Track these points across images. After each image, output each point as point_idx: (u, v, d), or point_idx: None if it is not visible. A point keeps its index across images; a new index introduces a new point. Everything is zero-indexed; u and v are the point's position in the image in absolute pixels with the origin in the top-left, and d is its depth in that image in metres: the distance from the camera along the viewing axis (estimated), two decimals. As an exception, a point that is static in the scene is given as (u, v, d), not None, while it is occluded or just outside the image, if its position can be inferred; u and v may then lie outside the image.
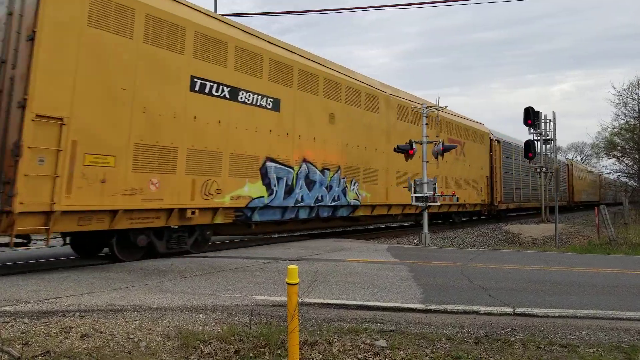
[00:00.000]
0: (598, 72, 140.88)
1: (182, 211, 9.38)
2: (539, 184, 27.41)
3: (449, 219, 22.21)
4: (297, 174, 12.31)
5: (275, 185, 11.63)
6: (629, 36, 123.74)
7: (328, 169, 13.47)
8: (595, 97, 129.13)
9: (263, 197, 11.24)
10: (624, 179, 42.96)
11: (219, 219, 10.36)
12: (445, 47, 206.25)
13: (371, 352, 4.14)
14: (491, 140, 25.74)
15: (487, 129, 25.77)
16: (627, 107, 32.65)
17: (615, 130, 35.93)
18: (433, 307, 5.65)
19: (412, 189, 14.65)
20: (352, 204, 14.33)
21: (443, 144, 14.96)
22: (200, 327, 4.59)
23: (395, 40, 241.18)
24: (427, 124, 15.10)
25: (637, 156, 32.96)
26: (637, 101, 31.58)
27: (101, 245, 9.49)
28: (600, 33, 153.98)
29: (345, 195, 14.04)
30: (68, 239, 9.05)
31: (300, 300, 3.86)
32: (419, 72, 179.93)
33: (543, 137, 26.14)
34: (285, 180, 11.95)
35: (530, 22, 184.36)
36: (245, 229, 12.15)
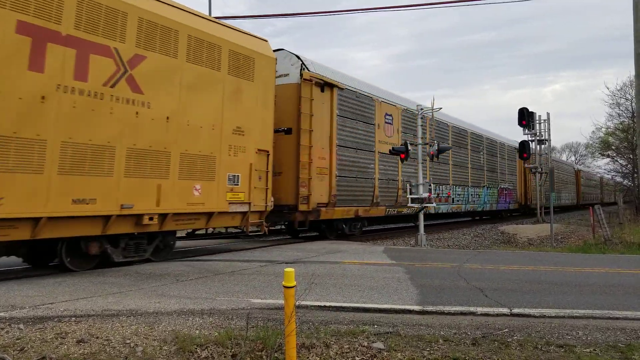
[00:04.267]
0: (589, 73, 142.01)
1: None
2: (537, 184, 27.52)
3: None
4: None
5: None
6: (620, 37, 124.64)
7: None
8: (587, 97, 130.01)
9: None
10: (618, 179, 43.19)
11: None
12: (436, 49, 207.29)
13: (368, 355, 4.13)
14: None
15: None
16: (621, 107, 32.90)
17: (610, 130, 36.18)
18: (430, 308, 5.66)
19: (408, 190, 14.67)
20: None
21: (438, 145, 14.96)
22: (197, 331, 4.57)
23: (387, 42, 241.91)
24: (421, 126, 15.15)
25: (631, 156, 33.13)
26: (631, 101, 31.74)
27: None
28: (591, 34, 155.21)
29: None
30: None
31: (297, 303, 3.86)
32: (411, 74, 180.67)
33: (537, 138, 26.30)
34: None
35: (521, 24, 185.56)
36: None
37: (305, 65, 13.11)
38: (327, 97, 13.69)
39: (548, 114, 26.59)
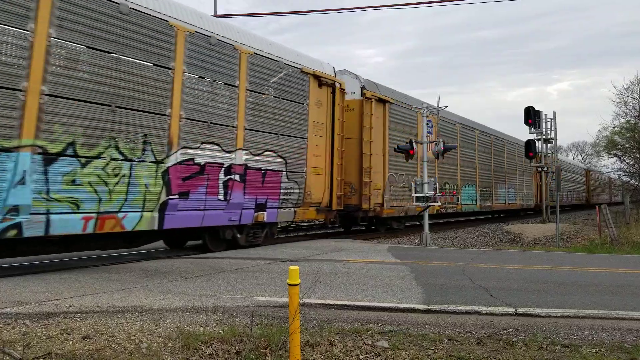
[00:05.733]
0: (595, 71, 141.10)
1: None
2: (543, 184, 27.28)
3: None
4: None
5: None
6: (627, 34, 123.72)
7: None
8: (592, 96, 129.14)
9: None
10: (625, 178, 42.87)
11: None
12: (442, 46, 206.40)
13: (373, 353, 4.13)
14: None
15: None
16: (628, 106, 32.60)
17: (616, 129, 35.90)
18: (434, 307, 5.64)
19: (413, 188, 14.63)
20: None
21: (444, 143, 14.93)
22: (202, 328, 4.58)
23: (393, 39, 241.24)
24: (427, 124, 15.08)
25: (638, 155, 32.90)
26: (638, 100, 31.52)
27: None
28: (597, 31, 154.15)
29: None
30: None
31: (301, 301, 3.86)
32: (415, 71, 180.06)
33: (544, 137, 26.15)
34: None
35: (527, 21, 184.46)
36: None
37: None
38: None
39: (554, 112, 26.42)
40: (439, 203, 15.31)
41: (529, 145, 25.23)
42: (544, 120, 26.17)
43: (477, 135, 23.82)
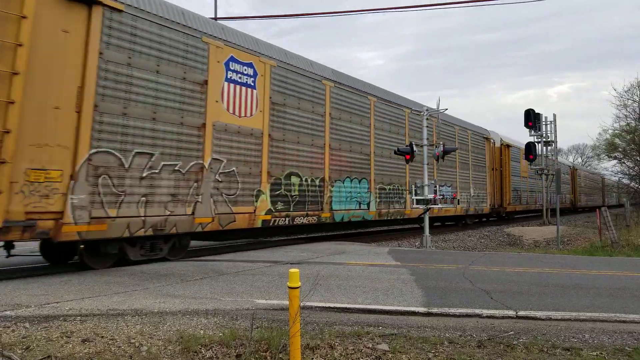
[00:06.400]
0: (596, 74, 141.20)
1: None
2: (542, 186, 27.17)
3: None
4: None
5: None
6: (627, 37, 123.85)
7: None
8: (592, 98, 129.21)
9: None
10: (625, 181, 42.86)
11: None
12: (442, 49, 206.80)
13: (373, 356, 4.12)
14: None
15: None
16: (628, 109, 32.60)
17: (616, 132, 35.90)
18: (435, 310, 5.63)
19: (413, 191, 14.62)
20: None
21: (444, 146, 14.92)
22: (202, 331, 4.58)
23: (394, 41, 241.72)
24: (427, 127, 15.09)
25: (638, 158, 32.91)
26: (638, 103, 31.56)
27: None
28: (597, 34, 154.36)
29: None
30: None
31: (301, 303, 3.86)
32: (416, 74, 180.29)
33: (544, 139, 26.15)
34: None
35: (528, 24, 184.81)
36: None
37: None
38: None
39: (554, 115, 26.40)
40: (440, 206, 15.20)
41: (529, 147, 25.24)
42: (544, 123, 26.19)
43: (375, 105, 15.73)
